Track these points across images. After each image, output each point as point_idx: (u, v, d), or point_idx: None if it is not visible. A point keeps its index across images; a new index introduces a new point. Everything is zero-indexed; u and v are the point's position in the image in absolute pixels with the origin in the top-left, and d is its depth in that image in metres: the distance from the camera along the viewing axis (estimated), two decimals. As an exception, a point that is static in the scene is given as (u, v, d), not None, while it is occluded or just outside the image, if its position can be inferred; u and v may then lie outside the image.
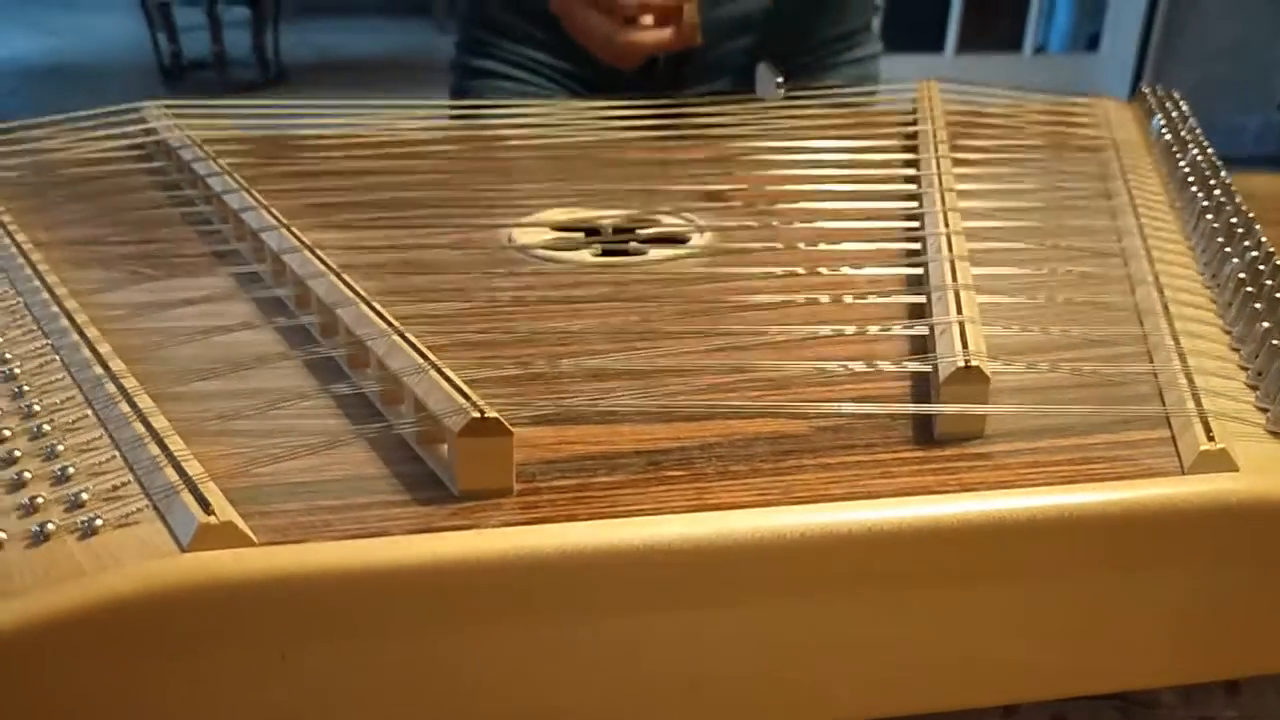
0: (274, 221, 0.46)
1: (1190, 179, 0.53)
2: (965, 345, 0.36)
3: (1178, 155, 0.57)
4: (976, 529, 0.31)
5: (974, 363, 0.35)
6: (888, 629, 0.32)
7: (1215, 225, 0.48)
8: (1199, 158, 0.56)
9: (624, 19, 0.64)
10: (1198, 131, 0.61)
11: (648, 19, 0.65)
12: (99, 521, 0.30)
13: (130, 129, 0.61)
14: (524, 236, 0.50)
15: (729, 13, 0.74)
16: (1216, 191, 0.51)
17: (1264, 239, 0.46)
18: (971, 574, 0.32)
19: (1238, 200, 0.50)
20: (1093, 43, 2.68)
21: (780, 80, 0.67)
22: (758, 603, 0.31)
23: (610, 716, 0.31)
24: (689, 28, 0.64)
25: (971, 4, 2.58)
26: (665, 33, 0.65)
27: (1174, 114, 0.64)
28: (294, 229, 0.45)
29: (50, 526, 0.29)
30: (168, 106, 0.64)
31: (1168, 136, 0.60)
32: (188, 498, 0.30)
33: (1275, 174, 0.70)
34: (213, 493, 0.30)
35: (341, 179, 0.55)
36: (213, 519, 0.29)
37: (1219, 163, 0.56)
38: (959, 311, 0.38)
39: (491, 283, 0.45)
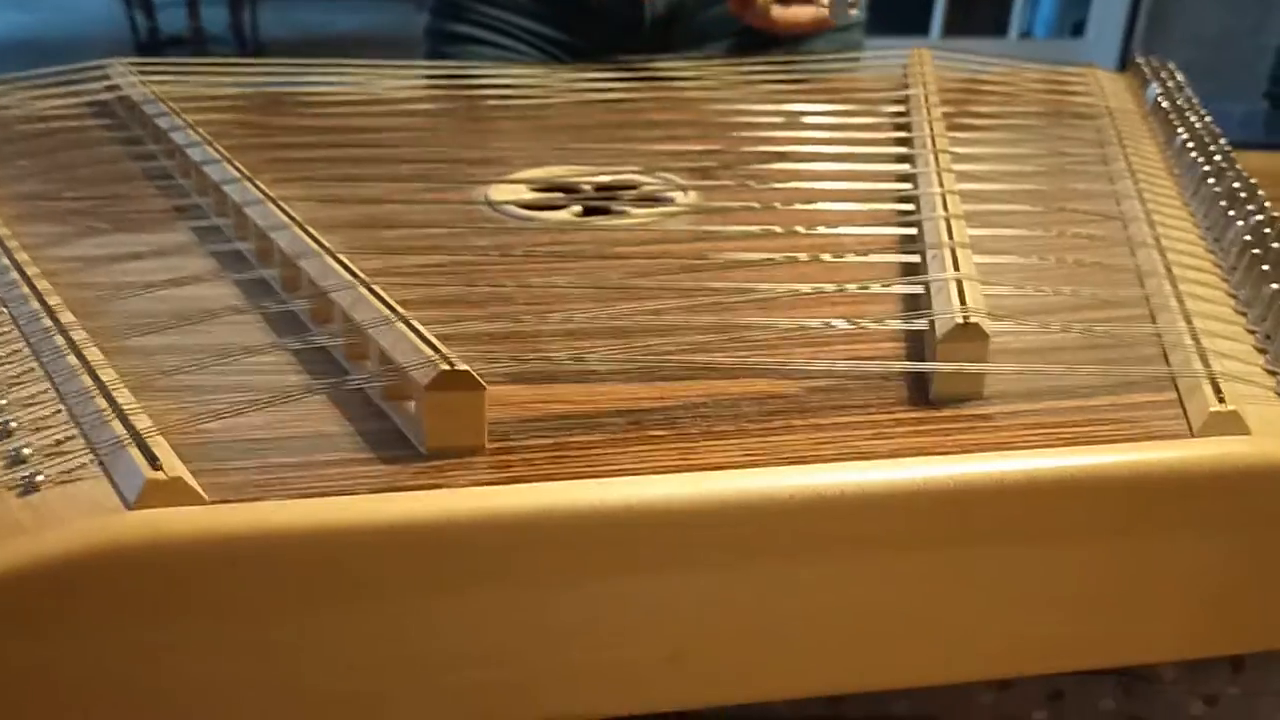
0: (237, 175, 0.44)
1: (1190, 145, 0.51)
2: (963, 302, 0.34)
3: (1176, 123, 0.55)
4: (974, 492, 0.29)
5: (973, 319, 0.33)
6: (877, 596, 0.30)
7: (1218, 190, 0.46)
8: (1198, 125, 0.55)
9: None
10: (1195, 100, 0.59)
11: None
12: (40, 477, 0.28)
13: (92, 86, 0.59)
14: (502, 195, 0.48)
15: None
16: (1217, 157, 0.49)
17: (1268, 203, 0.44)
18: (967, 539, 0.30)
19: (1238, 166, 0.49)
20: (1078, 30, 2.67)
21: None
22: (744, 567, 0.29)
23: (588, 685, 0.29)
24: None
25: (957, -12, 2.57)
26: None
27: (1169, 83, 0.62)
28: (258, 182, 0.43)
29: (-14, 483, 0.27)
30: (133, 64, 0.61)
31: (1165, 104, 0.59)
32: (134, 452, 0.28)
33: (1266, 153, 0.69)
34: (161, 448, 0.28)
35: (313, 135, 0.52)
36: (160, 475, 0.27)
37: (1217, 129, 0.54)
38: (955, 269, 0.37)
39: (467, 240, 0.43)
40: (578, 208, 0.47)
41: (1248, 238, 0.41)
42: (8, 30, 3.23)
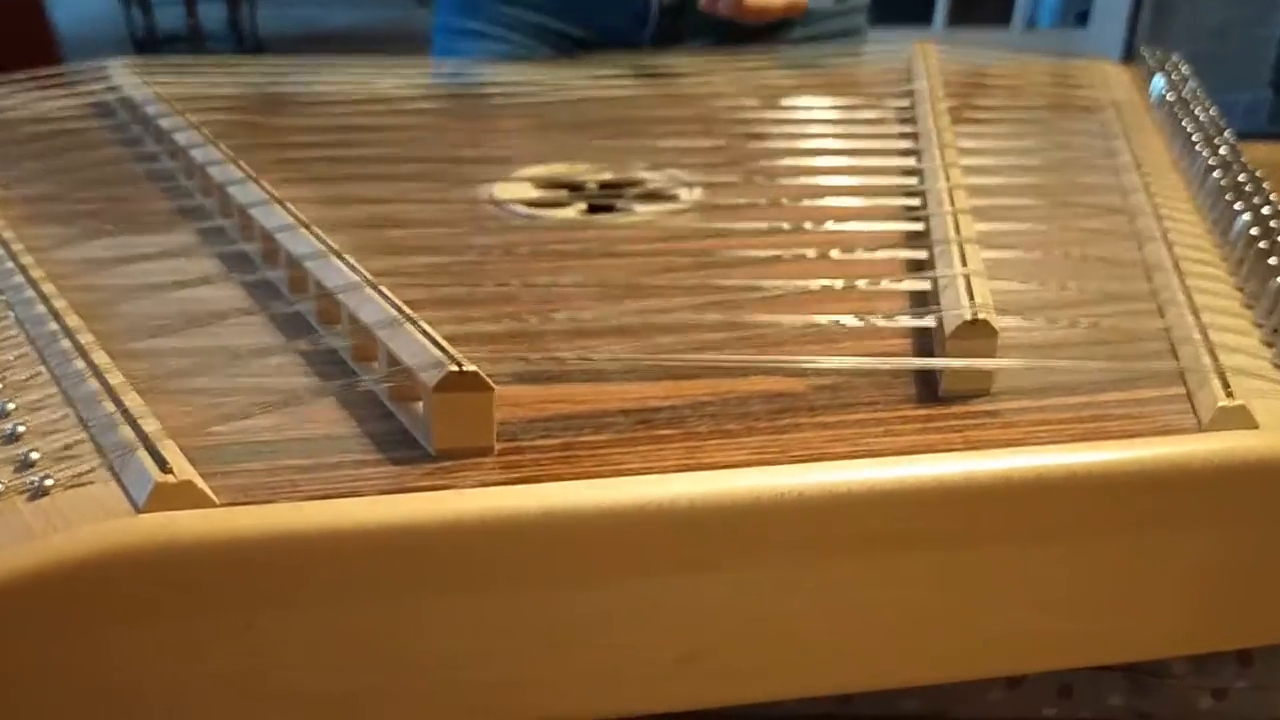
0: (242, 176, 0.44)
1: (1195, 138, 0.51)
2: (972, 298, 0.34)
3: (1181, 115, 0.55)
4: (983, 489, 0.29)
5: (981, 315, 0.33)
6: (888, 594, 0.30)
7: (1223, 183, 0.46)
8: (1203, 117, 0.54)
9: None
10: (1200, 92, 0.59)
11: None
12: (50, 482, 0.28)
13: (94, 87, 0.59)
14: (506, 193, 0.48)
15: None
16: (1223, 150, 0.49)
17: (1273, 196, 0.44)
18: (977, 537, 0.30)
19: (1244, 159, 0.48)
20: (1082, 19, 2.67)
21: None
22: (754, 566, 0.29)
23: (598, 687, 0.29)
24: None
25: (961, -22, 2.56)
26: None
27: (1174, 75, 0.62)
28: (264, 183, 0.43)
29: (-4, 488, 0.27)
30: (133, 64, 0.61)
31: (1170, 97, 0.58)
32: (144, 456, 0.28)
33: (1271, 143, 0.69)
34: (171, 451, 0.28)
35: (316, 134, 0.52)
36: (170, 478, 0.27)
37: (1222, 122, 0.54)
38: (964, 264, 0.37)
39: (472, 239, 0.43)
40: (583, 205, 0.47)
41: (1253, 231, 0.40)
42: (7, 29, 3.22)
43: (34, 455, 0.29)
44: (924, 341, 0.36)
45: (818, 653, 0.30)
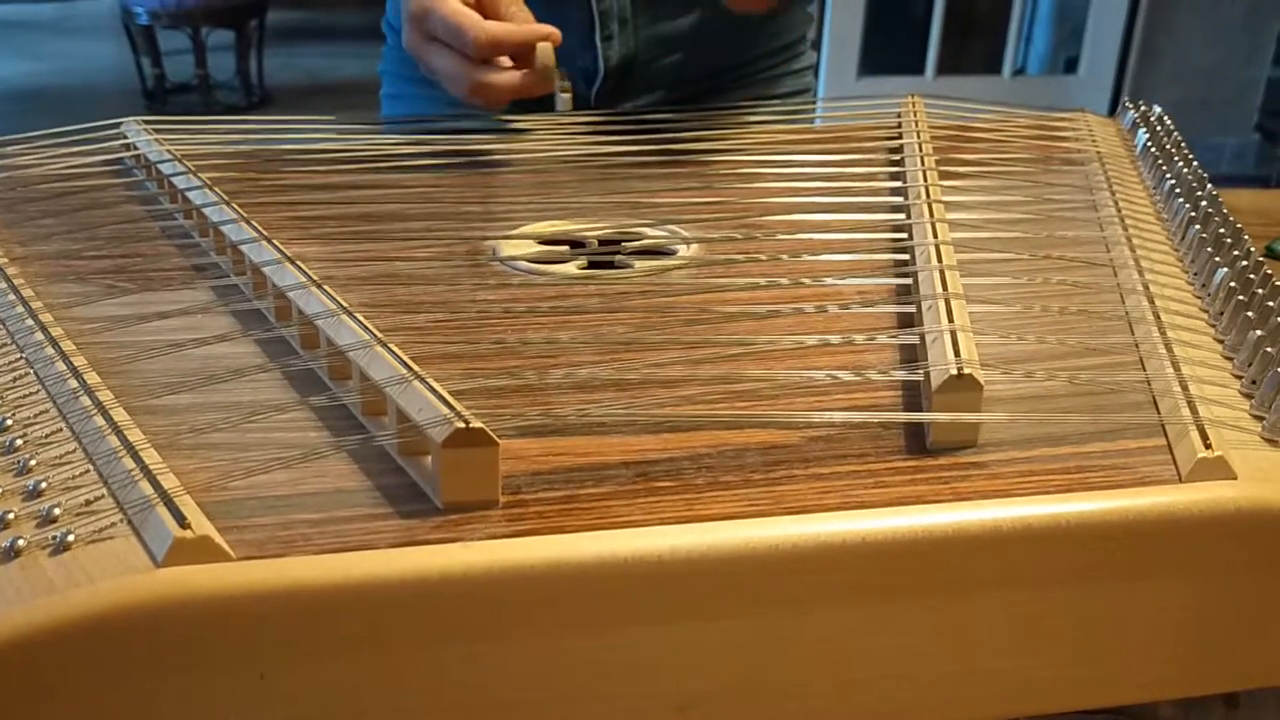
0: (255, 234, 0.46)
1: (1177, 191, 0.53)
2: (958, 353, 0.35)
3: (1164, 168, 0.57)
4: (971, 538, 0.31)
5: (967, 370, 0.34)
6: (881, 641, 0.31)
7: (1204, 235, 0.47)
8: (1185, 170, 0.56)
9: (478, 61, 0.62)
10: (1182, 145, 0.61)
11: (505, 61, 0.62)
12: (71, 537, 0.29)
13: (109, 145, 0.60)
14: (508, 249, 0.49)
15: (665, 30, 0.73)
16: (1204, 203, 0.51)
17: (1253, 248, 0.46)
18: (966, 585, 0.31)
19: (1225, 211, 0.50)
20: (1071, 66, 2.71)
21: (567, 84, 0.64)
22: (749, 615, 0.30)
23: (599, 735, 0.30)
24: (542, 70, 0.62)
25: (951, 27, 2.60)
26: (517, 75, 0.62)
27: (1158, 128, 0.64)
28: (275, 241, 0.45)
29: (21, 543, 0.29)
30: (147, 122, 0.63)
31: (1153, 150, 0.60)
32: (163, 511, 0.29)
33: (1256, 190, 0.70)
34: (188, 506, 0.29)
35: (323, 193, 0.54)
36: (188, 533, 0.28)
37: (1205, 175, 0.56)
38: (950, 320, 0.38)
39: (476, 295, 0.45)
40: (583, 261, 0.49)
41: (1233, 284, 0.42)
42: (18, 79, 3.28)
43: (55, 510, 0.30)
44: (913, 394, 0.37)
45: (811, 700, 0.31)
